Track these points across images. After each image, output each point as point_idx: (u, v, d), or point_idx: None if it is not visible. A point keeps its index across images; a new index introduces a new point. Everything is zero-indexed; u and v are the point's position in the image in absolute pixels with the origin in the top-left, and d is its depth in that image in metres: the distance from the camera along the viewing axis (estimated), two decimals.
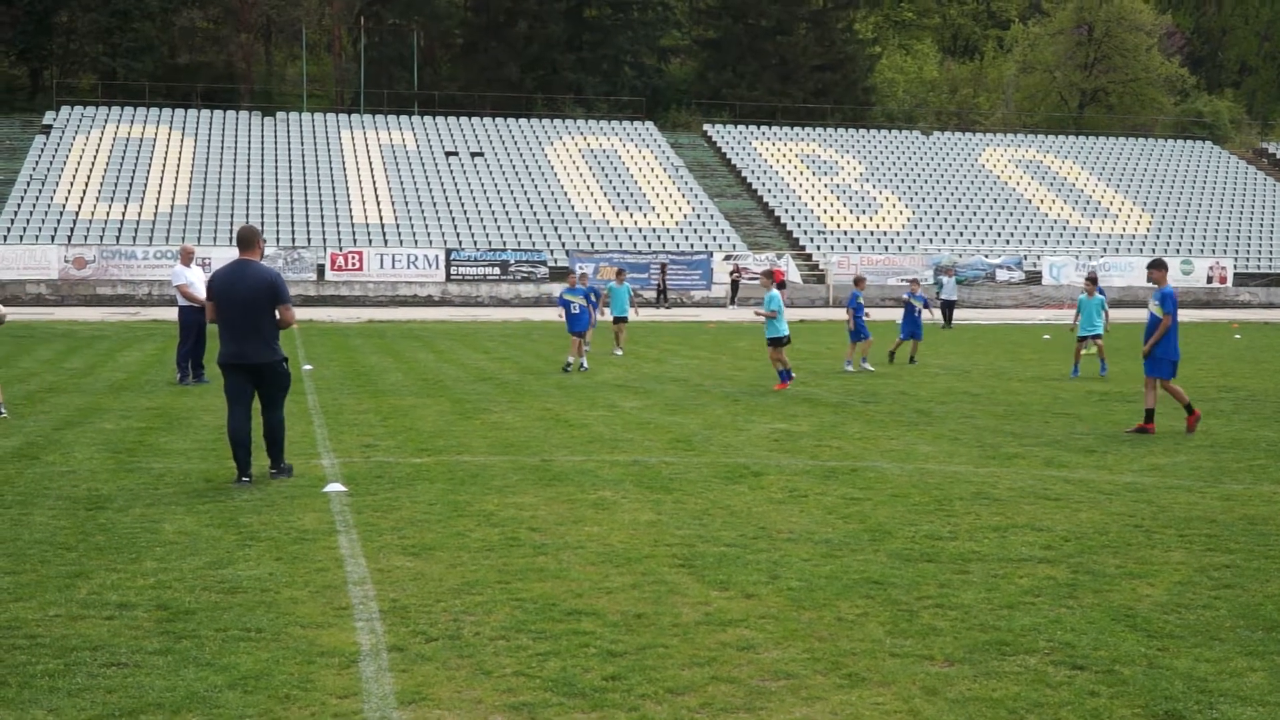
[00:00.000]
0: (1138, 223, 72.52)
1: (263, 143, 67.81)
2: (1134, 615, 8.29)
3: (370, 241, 59.04)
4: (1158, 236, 71.21)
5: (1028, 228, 70.18)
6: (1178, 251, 68.97)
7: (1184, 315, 29.06)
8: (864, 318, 26.11)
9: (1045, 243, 68.16)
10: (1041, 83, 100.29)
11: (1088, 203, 74.03)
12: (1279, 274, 67.89)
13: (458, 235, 60.59)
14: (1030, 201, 73.43)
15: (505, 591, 8.68)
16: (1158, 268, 17.72)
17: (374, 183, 64.63)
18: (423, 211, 62.30)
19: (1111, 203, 74.41)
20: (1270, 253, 70.66)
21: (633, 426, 17.34)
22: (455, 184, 65.61)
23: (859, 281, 26.89)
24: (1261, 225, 74.05)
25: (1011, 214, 71.74)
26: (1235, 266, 67.53)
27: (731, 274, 59.12)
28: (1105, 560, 9.81)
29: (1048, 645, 7.66)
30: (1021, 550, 10.10)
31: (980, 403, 20.70)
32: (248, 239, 12.58)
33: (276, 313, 12.40)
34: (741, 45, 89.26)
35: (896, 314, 46.12)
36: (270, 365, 12.44)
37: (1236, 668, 7.30)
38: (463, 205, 63.52)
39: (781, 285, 22.01)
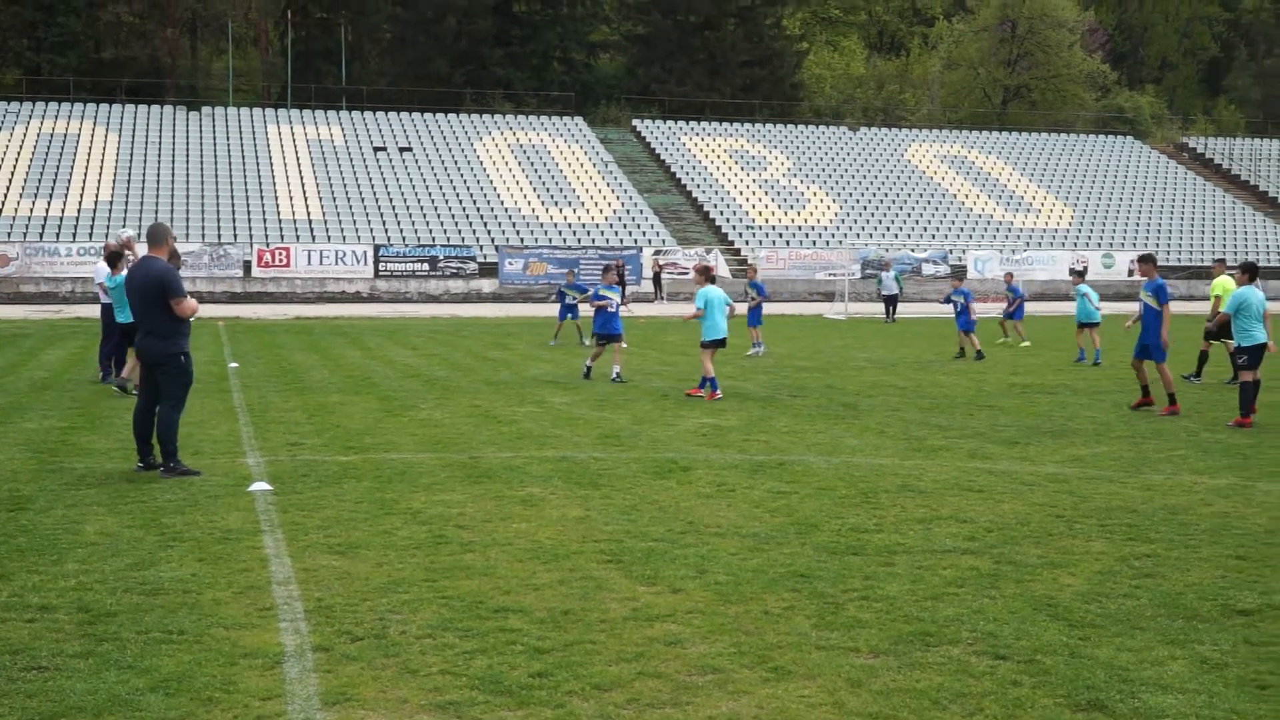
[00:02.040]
0: (1060, 217, 73.27)
1: (188, 138, 67.02)
2: (1055, 605, 8.37)
3: (297, 238, 58.54)
4: (1080, 231, 72.01)
5: (953, 222, 70.74)
6: (1099, 245, 69.77)
7: (1106, 308, 29.46)
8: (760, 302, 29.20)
9: (970, 237, 68.71)
10: (966, 79, 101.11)
11: (1011, 197, 74.71)
12: (1200, 267, 68.76)
13: (386, 231, 60.21)
14: (955, 196, 74.02)
15: (432, 589, 8.64)
16: (1146, 262, 18.68)
17: (301, 178, 64.08)
18: (350, 207, 61.85)
19: (1034, 197, 75.14)
20: (1191, 246, 71.63)
21: (561, 422, 17.31)
22: (383, 179, 65.18)
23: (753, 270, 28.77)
24: (1182, 219, 75.06)
25: (937, 209, 72.29)
26: (1156, 260, 68.49)
27: (655, 269, 59.10)
28: (1027, 551, 9.90)
29: (971, 636, 7.72)
30: (945, 542, 10.18)
31: (906, 396, 20.84)
32: (154, 236, 12.90)
33: (172, 307, 12.55)
34: (670, 41, 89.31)
35: (824, 308, 46.32)
36: (163, 360, 12.61)
37: (1157, 656, 7.39)
38: (391, 201, 63.12)
39: (711, 280, 21.70)
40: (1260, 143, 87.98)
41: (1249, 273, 18.04)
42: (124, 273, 18.17)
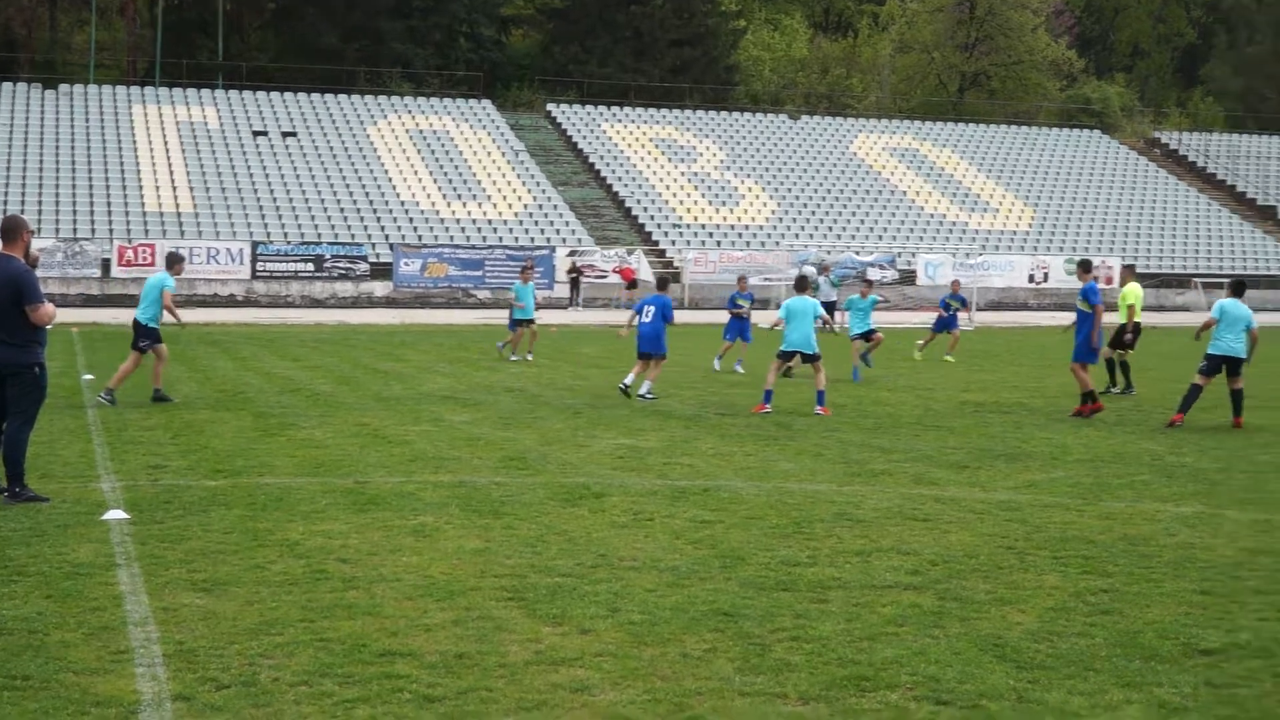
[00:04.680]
0: (1019, 218, 74.13)
1: (43, 118, 66.17)
2: (1003, 645, 8.50)
3: (165, 233, 57.95)
4: (1040, 233, 72.87)
5: (902, 222, 71.36)
6: (1061, 249, 70.60)
7: (1070, 318, 29.86)
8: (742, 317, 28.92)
9: (921, 239, 69.35)
10: (919, 64, 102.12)
11: (966, 195, 75.50)
12: (1170, 274, 69.78)
13: (265, 227, 59.81)
14: (905, 194, 74.69)
15: (309, 631, 8.62)
16: (1083, 268, 21.97)
17: (170, 166, 63.48)
18: (226, 199, 61.36)
19: (992, 196, 75.98)
20: (1161, 251, 72.69)
21: (460, 443, 17.29)
22: (264, 168, 64.75)
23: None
24: (1153, 221, 76.19)
25: (885, 207, 72.90)
26: (1124, 266, 69.25)
27: (570, 272, 59.13)
28: (975, 585, 10.04)
29: (910, 679, 7.82)
30: (885, 576, 10.29)
31: (846, 414, 21.01)
32: (8, 231, 12.54)
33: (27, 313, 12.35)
34: (591, 16, 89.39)
35: (759, 316, 46.58)
36: (16, 371, 12.44)
37: (1112, 700, 7.53)
38: (272, 192, 62.72)
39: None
40: (1240, 139, 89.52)
41: (1235, 290, 20.72)
42: None
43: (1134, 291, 25.36)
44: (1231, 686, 7.82)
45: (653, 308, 22.83)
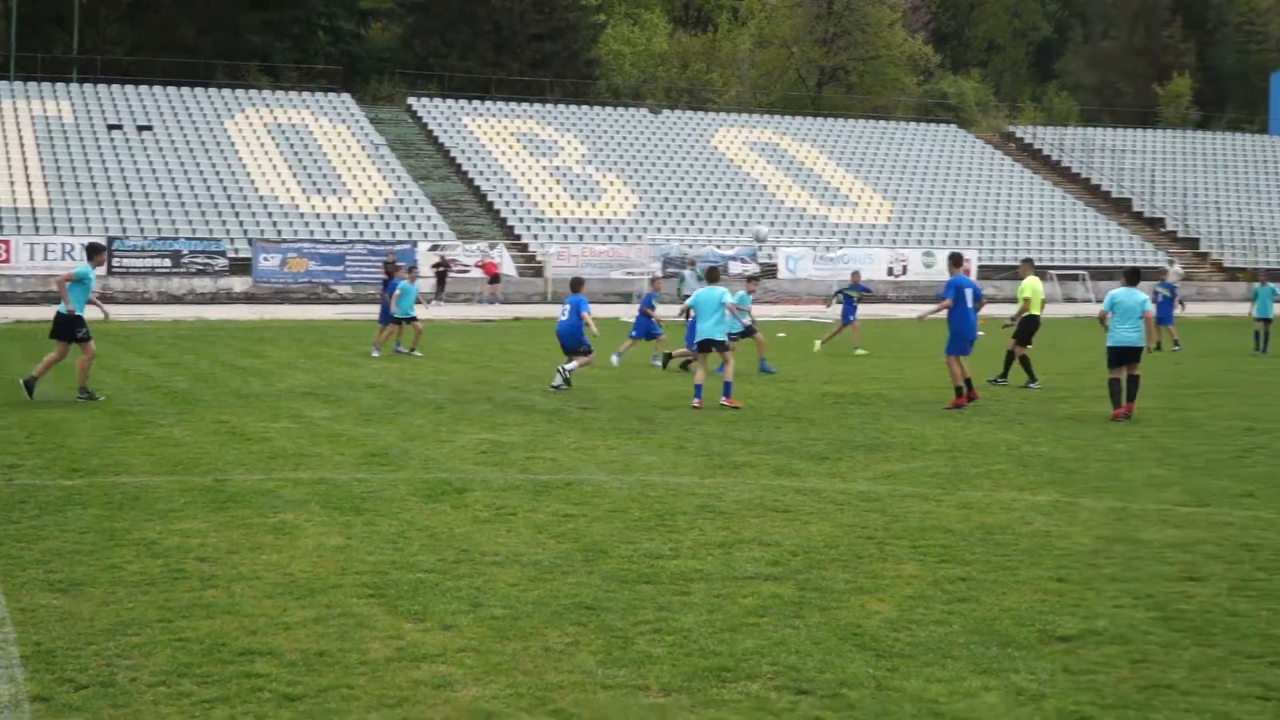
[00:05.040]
0: (879, 211, 74.97)
1: None
2: (862, 634, 8.61)
3: (19, 228, 56.79)
4: (899, 226, 73.75)
5: (762, 216, 71.77)
6: (919, 243, 71.51)
7: (923, 310, 30.28)
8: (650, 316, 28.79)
9: (781, 232, 69.87)
10: (778, 59, 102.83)
11: (826, 189, 76.19)
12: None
13: (121, 222, 58.79)
14: (766, 187, 75.21)
15: (167, 631, 8.55)
16: (953, 262, 21.93)
17: (24, 160, 62.17)
18: (80, 194, 60.22)
19: (851, 190, 76.74)
20: (1018, 243, 73.82)
21: (321, 439, 17.18)
22: (119, 162, 63.64)
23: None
24: (1009, 214, 77.40)
25: (746, 201, 73.34)
26: (980, 258, 70.34)
27: (435, 266, 58.81)
28: (834, 575, 10.16)
29: (771, 669, 7.90)
30: (747, 567, 10.38)
31: (707, 408, 21.10)
32: None
33: None
34: (451, 10, 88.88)
35: (622, 310, 46.67)
36: None
37: (969, 688, 7.65)
38: (128, 187, 61.68)
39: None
40: (1094, 132, 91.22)
41: (1129, 278, 20.62)
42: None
43: (1032, 285, 25.18)
44: (1088, 673, 7.98)
45: (569, 306, 23.80)
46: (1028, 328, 24.65)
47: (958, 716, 7.20)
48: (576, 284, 24.83)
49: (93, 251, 22.05)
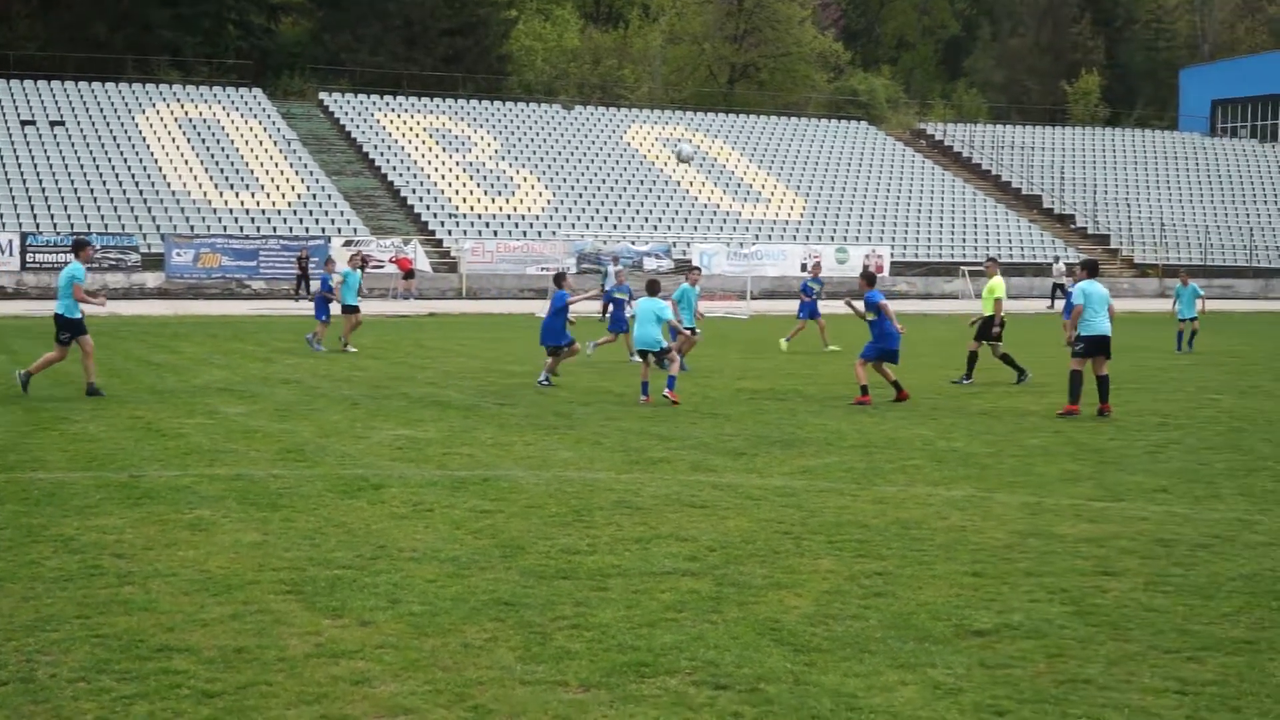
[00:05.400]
0: (791, 207, 75.31)
1: None
2: (780, 629, 8.66)
3: None
4: (812, 222, 74.12)
5: (676, 212, 71.98)
6: (832, 239, 71.89)
7: (833, 307, 30.49)
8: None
9: (695, 228, 70.03)
10: (690, 55, 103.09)
11: (739, 185, 76.42)
12: (938, 262, 71.56)
13: (35, 217, 58.04)
14: (679, 184, 75.34)
15: (85, 627, 8.50)
16: (866, 280, 21.92)
17: None
18: None
19: (764, 186, 77.04)
20: (929, 240, 74.48)
21: (236, 435, 17.05)
22: (32, 158, 62.83)
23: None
24: (919, 210, 77.99)
25: (659, 197, 73.45)
26: (892, 255, 70.92)
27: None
28: (752, 570, 10.20)
29: (690, 664, 7.92)
30: (664, 563, 10.41)
31: (625, 403, 21.15)
32: None
33: None
34: (361, 4, 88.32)
35: (537, 306, 46.62)
36: None
37: (887, 682, 7.71)
38: (41, 182, 60.90)
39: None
40: (1003, 129, 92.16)
41: (1089, 269, 21.00)
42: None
43: (996, 284, 24.81)
44: (1004, 667, 8.04)
45: (547, 303, 24.17)
46: (987, 326, 24.63)
47: (875, 710, 7.25)
48: (559, 279, 24.72)
49: (78, 247, 22.18)
